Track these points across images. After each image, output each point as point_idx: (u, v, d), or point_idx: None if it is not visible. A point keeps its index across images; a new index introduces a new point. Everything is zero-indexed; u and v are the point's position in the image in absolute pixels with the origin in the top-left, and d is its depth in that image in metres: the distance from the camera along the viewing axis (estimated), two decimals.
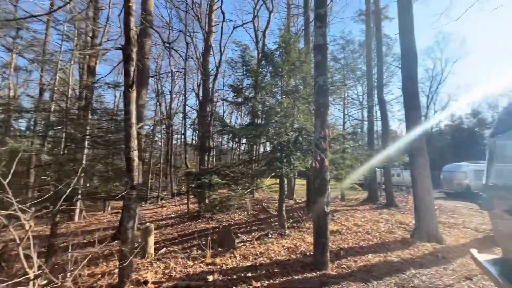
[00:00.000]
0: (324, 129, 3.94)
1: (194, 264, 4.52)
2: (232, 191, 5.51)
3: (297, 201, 12.44)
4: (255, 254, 4.95)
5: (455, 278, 3.96)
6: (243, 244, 5.72)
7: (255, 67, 7.10)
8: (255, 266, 4.34)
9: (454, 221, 8.51)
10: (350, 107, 21.60)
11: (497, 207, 2.68)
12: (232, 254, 4.98)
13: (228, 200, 5.02)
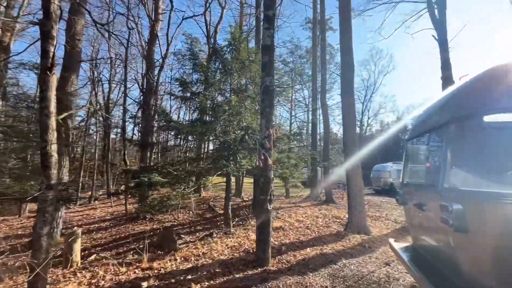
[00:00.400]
0: (269, 129, 4.04)
1: (128, 270, 4.14)
2: (175, 190, 5.24)
3: (244, 199, 12.58)
4: (197, 255, 4.80)
5: (377, 265, 4.49)
6: (186, 245, 5.50)
7: (205, 62, 6.89)
8: (196, 268, 4.20)
9: (379, 214, 9.68)
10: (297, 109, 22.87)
11: (408, 202, 3.12)
12: (172, 257, 4.73)
13: (169, 200, 4.75)
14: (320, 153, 13.93)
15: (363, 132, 42.11)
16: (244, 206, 9.86)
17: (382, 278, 3.86)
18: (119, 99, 21.35)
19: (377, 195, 16.60)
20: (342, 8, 7.55)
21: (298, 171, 7.49)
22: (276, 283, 3.55)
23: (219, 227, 7.08)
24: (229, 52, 6.95)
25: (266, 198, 4.19)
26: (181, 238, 6.12)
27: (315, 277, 3.87)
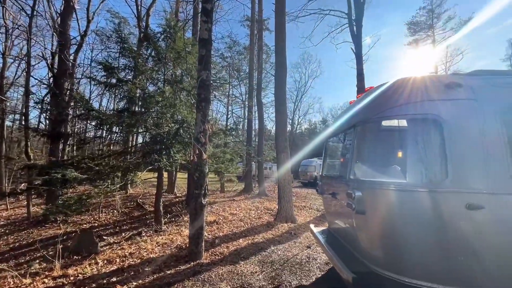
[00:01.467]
0: (205, 124, 4.03)
1: (34, 281, 3.55)
2: (97, 187, 4.68)
3: (178, 195, 12.13)
4: (124, 256, 4.45)
5: (300, 248, 5.04)
6: (109, 247, 5.02)
7: (135, 47, 6.31)
8: (122, 269, 3.90)
9: (304, 204, 10.76)
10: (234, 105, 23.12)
11: (325, 192, 3.62)
12: (93, 261, 4.26)
13: (89, 198, 4.22)
14: (255, 148, 14.51)
15: (294, 130, 45.59)
16: (177, 202, 9.52)
17: (304, 259, 4.37)
18: (18, 78, 17.52)
19: (304, 187, 18.31)
20: (278, 12, 8.00)
21: (233, 166, 7.65)
22: (208, 274, 3.63)
23: (149, 225, 6.68)
24: (163, 40, 6.54)
25: (201, 192, 4.19)
26: (104, 240, 5.55)
27: (246, 265, 4.11)
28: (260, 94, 13.60)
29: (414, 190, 2.12)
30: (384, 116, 2.39)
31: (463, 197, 2.00)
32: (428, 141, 2.17)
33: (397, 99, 2.35)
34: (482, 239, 1.97)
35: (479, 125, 2.09)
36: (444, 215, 2.05)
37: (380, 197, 2.28)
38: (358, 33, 13.75)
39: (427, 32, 28.35)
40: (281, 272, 3.85)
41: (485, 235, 1.97)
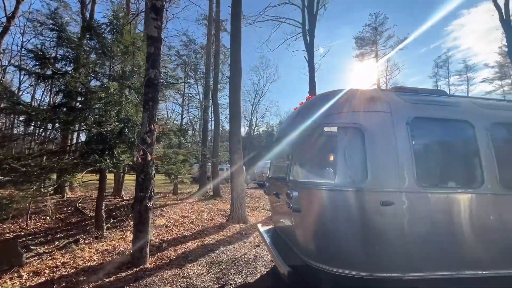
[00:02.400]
0: (152, 124, 3.90)
1: None
2: (22, 190, 4.13)
3: (125, 198, 11.33)
4: (54, 267, 4.02)
5: (249, 248, 5.18)
6: (38, 258, 4.48)
7: (75, 37, 5.77)
8: (51, 281, 3.52)
9: (258, 205, 11.02)
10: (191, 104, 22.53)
11: (271, 192, 3.81)
12: (15, 274, 3.76)
13: (11, 203, 3.70)
14: (210, 149, 14.35)
15: (252, 132, 46.28)
16: (124, 206, 8.91)
17: (251, 258, 4.51)
18: None
19: (260, 189, 18.72)
20: (234, 16, 8.11)
21: (185, 168, 7.48)
22: (151, 279, 3.51)
23: (88, 232, 6.13)
24: (109, 32, 6.10)
25: (146, 195, 4.03)
26: (31, 250, 4.92)
27: (193, 267, 4.08)
28: (216, 95, 13.52)
29: (340, 189, 2.40)
30: (317, 124, 2.65)
31: (379, 195, 2.33)
32: (352, 146, 2.48)
33: (329, 109, 2.63)
34: (392, 229, 2.33)
35: (392, 134, 2.46)
36: (364, 211, 2.36)
37: (312, 196, 2.52)
38: (311, 42, 14.71)
39: (371, 47, 31.62)
40: (228, 271, 3.92)
41: (395, 226, 2.33)
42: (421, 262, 2.35)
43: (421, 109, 2.64)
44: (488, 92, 33.73)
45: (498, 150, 2.58)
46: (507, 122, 2.74)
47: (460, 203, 2.46)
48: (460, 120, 2.67)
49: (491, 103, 2.90)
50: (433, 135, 2.74)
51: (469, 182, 2.56)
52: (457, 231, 2.41)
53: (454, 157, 2.75)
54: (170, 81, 6.33)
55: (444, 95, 2.99)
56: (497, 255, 2.47)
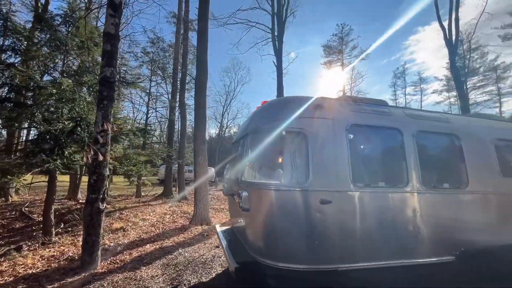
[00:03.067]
0: (105, 123, 3.78)
1: None
2: None
3: (81, 201, 10.61)
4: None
5: (209, 249, 5.21)
6: None
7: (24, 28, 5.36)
8: None
9: (223, 206, 11.04)
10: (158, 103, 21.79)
11: (228, 193, 3.91)
12: None
13: None
14: (176, 150, 14.02)
15: (223, 133, 46.00)
16: (78, 209, 8.36)
17: (209, 258, 4.56)
18: None
19: None
20: (201, 17, 8.10)
21: (146, 169, 7.27)
22: (100, 283, 3.39)
23: (34, 238, 5.68)
24: (64, 24, 5.76)
25: (98, 197, 3.88)
26: None
27: (148, 270, 4.02)
28: (184, 95, 13.28)
29: (284, 189, 2.58)
30: (267, 128, 2.82)
31: (318, 194, 2.55)
32: (297, 150, 2.68)
33: (277, 114, 2.82)
34: (330, 225, 2.56)
35: (332, 139, 2.71)
36: (305, 209, 2.56)
37: (260, 196, 2.67)
38: (279, 48, 15.16)
39: (338, 55, 33.36)
40: (184, 272, 3.93)
41: (332, 222, 2.57)
42: (355, 254, 2.61)
43: (359, 117, 2.94)
44: (437, 102, 37.61)
45: (421, 154, 2.97)
46: (429, 131, 3.16)
47: (389, 200, 2.78)
48: (391, 128, 3.02)
49: (418, 113, 3.32)
50: (368, 140, 3.07)
51: (397, 182, 2.91)
52: (386, 225, 2.72)
53: (386, 160, 3.10)
54: (131, 79, 6.13)
55: (382, 105, 3.34)
56: (420, 245, 2.83)
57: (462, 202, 3.11)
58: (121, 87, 6.64)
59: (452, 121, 3.40)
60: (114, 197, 13.08)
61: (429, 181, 2.97)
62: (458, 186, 3.15)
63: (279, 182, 2.66)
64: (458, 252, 2.97)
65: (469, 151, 3.24)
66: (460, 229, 3.04)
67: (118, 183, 21.40)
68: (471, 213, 3.11)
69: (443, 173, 3.28)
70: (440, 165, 3.34)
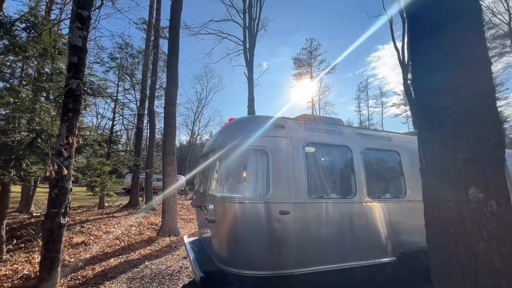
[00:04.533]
0: (71, 136, 3.73)
1: None
2: None
3: (34, 214, 9.82)
4: None
5: (176, 260, 5.24)
6: None
7: None
8: None
9: (192, 217, 10.93)
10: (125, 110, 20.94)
11: (197, 205, 4.05)
12: None
13: None
14: (144, 159, 13.61)
15: (194, 140, 45.22)
16: (32, 223, 7.76)
17: (176, 270, 4.61)
18: None
19: None
20: (172, 29, 8.20)
21: (112, 179, 7.05)
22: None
23: None
24: (25, 29, 5.51)
25: (60, 211, 3.78)
26: None
27: (112, 284, 3.96)
28: (153, 103, 13.05)
29: (246, 202, 2.82)
30: (232, 144, 3.06)
31: (278, 206, 2.83)
32: (260, 165, 2.96)
33: (242, 132, 3.08)
34: (288, 234, 2.85)
35: (290, 156, 3.03)
36: (266, 219, 2.82)
37: (224, 208, 2.88)
38: (250, 60, 15.63)
39: (307, 68, 35.07)
40: (150, 285, 3.95)
41: (290, 231, 2.86)
42: (310, 258, 2.92)
43: (315, 136, 3.31)
44: (396, 115, 40.93)
45: (367, 169, 3.42)
46: (374, 148, 3.64)
47: (339, 210, 3.16)
48: (342, 145, 3.44)
49: (365, 132, 3.81)
50: (322, 156, 3.46)
51: (347, 194, 3.31)
52: (337, 232, 3.08)
53: (337, 174, 3.51)
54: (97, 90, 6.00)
55: (336, 125, 3.77)
56: (367, 248, 3.23)
57: (401, 210, 3.61)
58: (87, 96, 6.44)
59: (393, 139, 3.94)
60: (74, 208, 12.24)
61: (374, 192, 3.42)
62: (397, 196, 3.65)
63: (242, 195, 2.90)
64: (398, 253, 3.44)
65: (407, 165, 3.78)
66: (400, 233, 3.51)
67: (79, 193, 19.97)
68: (409, 219, 3.61)
69: (386, 185, 3.78)
70: (383, 178, 3.84)
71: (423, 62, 1.57)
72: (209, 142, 4.12)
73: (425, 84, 1.51)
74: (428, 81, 1.49)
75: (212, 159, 3.40)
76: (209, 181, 3.15)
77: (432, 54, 1.48)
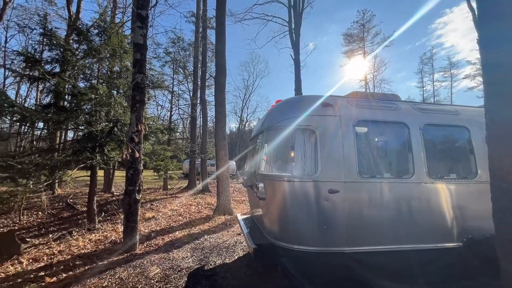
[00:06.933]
0: (139, 125, 4.31)
1: None
2: (20, 185, 4.48)
3: (115, 194, 11.65)
4: (52, 254, 4.43)
5: (231, 236, 5.70)
6: (35, 248, 4.86)
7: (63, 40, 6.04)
8: (50, 265, 3.94)
9: (244, 198, 11.54)
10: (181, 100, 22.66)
11: (248, 185, 4.30)
12: (15, 261, 4.16)
13: (12, 196, 4.05)
14: (199, 145, 14.71)
15: (243, 127, 46.62)
16: (114, 201, 9.26)
17: (231, 244, 5.03)
18: None
19: None
20: (219, 17, 8.46)
21: (173, 164, 7.89)
22: (140, 261, 3.98)
23: (80, 225, 6.51)
24: (97, 35, 6.39)
25: (135, 188, 4.46)
26: (26, 242, 5.28)
27: (179, 252, 4.57)
28: (204, 92, 13.85)
29: (296, 180, 2.91)
30: (280, 125, 3.14)
31: (327, 184, 2.85)
32: (307, 145, 2.99)
33: (289, 113, 3.13)
34: (337, 212, 2.86)
35: (339, 135, 2.98)
36: (314, 197, 2.88)
37: (274, 186, 3.03)
38: (296, 40, 15.13)
39: (359, 43, 32.26)
40: (209, 255, 4.43)
41: (338, 209, 2.86)
42: (361, 238, 2.90)
43: (366, 113, 3.17)
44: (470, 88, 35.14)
45: (427, 147, 3.15)
46: (436, 123, 3.30)
47: (394, 190, 3.01)
48: (398, 122, 3.22)
49: (426, 107, 3.46)
50: (375, 134, 3.29)
51: (403, 173, 3.12)
52: (391, 213, 2.97)
53: (392, 153, 3.31)
54: (156, 83, 6.68)
55: (391, 100, 3.52)
56: (425, 231, 3.04)
57: (470, 192, 3.24)
58: (149, 91, 7.23)
59: (461, 113, 3.50)
60: (144, 190, 14.11)
61: (435, 172, 3.14)
62: (465, 177, 3.28)
63: (290, 174, 2.99)
64: (465, 238, 3.15)
65: (478, 142, 3.34)
66: (467, 217, 3.18)
67: (146, 177, 22.79)
68: (479, 202, 3.23)
69: (451, 164, 3.42)
70: (448, 156, 3.48)
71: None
72: (257, 124, 4.27)
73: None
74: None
75: (260, 140, 3.55)
76: (259, 162, 3.32)
77: None
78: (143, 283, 3.33)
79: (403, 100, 3.68)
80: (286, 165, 3.27)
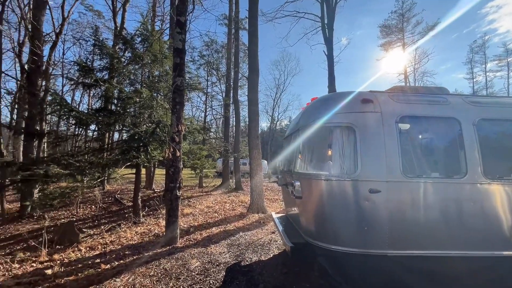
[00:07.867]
0: (179, 125, 4.56)
1: (22, 266, 3.95)
2: (78, 181, 5.04)
3: (156, 191, 12.45)
4: (105, 244, 4.91)
5: (265, 234, 5.75)
6: (90, 237, 5.43)
7: (111, 49, 6.61)
8: (104, 253, 4.38)
9: (277, 197, 11.55)
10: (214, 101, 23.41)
11: (282, 183, 4.31)
12: (75, 248, 4.69)
13: (72, 191, 4.59)
14: (232, 145, 15.07)
15: (274, 126, 46.61)
16: (155, 197, 9.91)
17: (266, 242, 5.08)
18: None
19: None
20: (251, 18, 8.57)
21: (209, 162, 8.20)
22: (181, 254, 4.22)
23: (127, 219, 7.10)
24: (140, 43, 6.89)
25: (176, 185, 4.74)
26: (83, 232, 5.91)
27: (216, 247, 4.74)
28: (237, 93, 14.13)
29: (334, 179, 2.84)
30: (316, 123, 3.09)
31: (367, 184, 2.75)
32: (346, 143, 2.90)
33: (325, 110, 3.06)
34: (379, 213, 2.74)
35: (381, 132, 2.84)
36: (354, 197, 2.79)
37: (310, 185, 2.99)
38: (329, 36, 14.66)
39: (398, 35, 30.18)
40: (245, 251, 4.53)
41: (380, 210, 2.74)
42: (405, 241, 2.73)
43: (410, 109, 2.97)
44: None
45: (483, 144, 2.86)
46: (494, 118, 2.98)
47: (444, 191, 2.78)
48: (447, 117, 2.96)
49: (480, 100, 3.13)
50: (421, 131, 3.07)
51: (454, 173, 2.87)
52: (440, 215, 2.75)
53: (441, 151, 3.06)
54: (193, 85, 7.00)
55: (438, 94, 3.25)
56: (480, 237, 2.77)
57: None
58: (187, 93, 7.61)
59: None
60: (182, 187, 14.87)
61: (493, 172, 2.84)
62: None
63: (328, 173, 2.94)
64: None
65: None
66: None
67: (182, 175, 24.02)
68: None
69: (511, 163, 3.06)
70: (508, 154, 3.11)
71: None
72: (292, 123, 4.25)
73: None
74: None
75: (296, 139, 3.53)
76: (295, 160, 3.30)
77: None
78: (185, 275, 3.53)
79: (452, 93, 3.38)
80: (322, 163, 3.21)
